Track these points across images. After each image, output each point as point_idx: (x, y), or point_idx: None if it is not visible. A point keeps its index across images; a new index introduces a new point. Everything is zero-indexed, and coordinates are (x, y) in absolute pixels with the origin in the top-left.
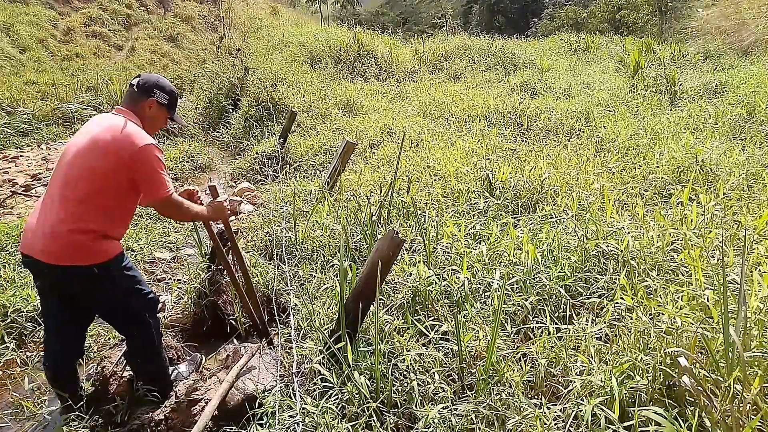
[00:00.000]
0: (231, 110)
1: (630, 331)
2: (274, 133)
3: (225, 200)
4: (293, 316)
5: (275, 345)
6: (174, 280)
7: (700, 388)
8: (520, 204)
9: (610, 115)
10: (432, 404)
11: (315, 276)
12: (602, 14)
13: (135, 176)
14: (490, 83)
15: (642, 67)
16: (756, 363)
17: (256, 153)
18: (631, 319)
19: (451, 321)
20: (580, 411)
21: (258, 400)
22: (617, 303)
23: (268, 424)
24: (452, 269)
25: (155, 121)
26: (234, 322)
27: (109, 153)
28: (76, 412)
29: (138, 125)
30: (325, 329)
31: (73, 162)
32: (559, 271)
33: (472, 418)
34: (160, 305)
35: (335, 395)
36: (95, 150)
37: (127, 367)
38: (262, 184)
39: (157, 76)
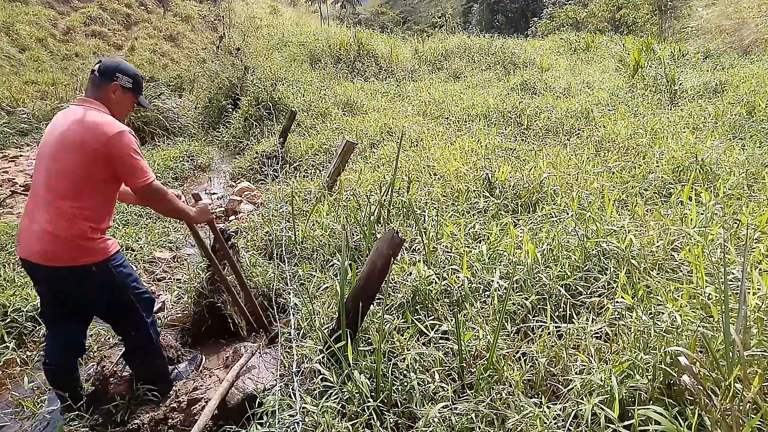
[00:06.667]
0: (231, 110)
1: (630, 330)
2: (273, 133)
3: (209, 203)
4: (293, 315)
5: (276, 343)
6: (174, 279)
7: (700, 387)
8: (520, 203)
9: (610, 115)
10: (432, 403)
11: (315, 275)
12: (602, 13)
13: (112, 164)
14: (489, 83)
15: (642, 66)
16: (756, 362)
17: (256, 152)
18: (631, 318)
19: (451, 320)
20: (580, 410)
21: (258, 400)
22: (617, 302)
23: (268, 424)
24: (452, 269)
25: (122, 106)
26: (233, 322)
27: (83, 146)
28: (76, 412)
29: (106, 113)
30: (325, 328)
31: (50, 164)
32: (559, 271)
33: (472, 418)
34: (159, 305)
35: (335, 394)
36: (68, 146)
37: (127, 367)
38: (262, 183)
39: (118, 59)
